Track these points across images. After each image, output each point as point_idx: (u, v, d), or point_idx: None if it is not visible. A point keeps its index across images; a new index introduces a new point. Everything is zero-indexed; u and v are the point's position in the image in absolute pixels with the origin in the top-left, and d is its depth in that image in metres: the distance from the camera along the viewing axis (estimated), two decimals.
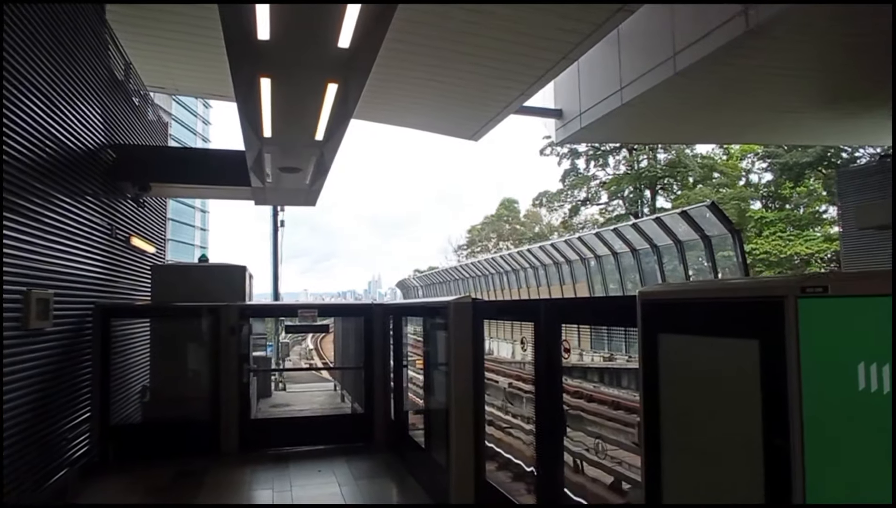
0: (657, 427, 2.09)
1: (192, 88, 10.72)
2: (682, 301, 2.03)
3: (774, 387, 1.54)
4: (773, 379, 1.55)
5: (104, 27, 6.36)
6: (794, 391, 1.47)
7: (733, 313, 1.74)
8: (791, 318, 1.49)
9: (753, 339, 1.62)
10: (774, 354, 1.54)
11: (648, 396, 2.16)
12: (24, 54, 4.29)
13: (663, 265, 15.09)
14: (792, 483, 1.48)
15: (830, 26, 7.25)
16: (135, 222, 7.68)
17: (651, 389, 2.13)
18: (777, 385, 1.53)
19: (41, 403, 4.76)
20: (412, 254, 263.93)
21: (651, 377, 2.13)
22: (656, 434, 2.09)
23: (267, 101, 4.49)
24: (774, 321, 1.53)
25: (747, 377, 1.64)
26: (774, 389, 1.54)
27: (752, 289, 1.75)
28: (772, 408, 1.55)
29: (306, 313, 6.94)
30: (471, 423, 4.52)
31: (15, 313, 4.27)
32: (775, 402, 1.54)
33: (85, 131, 5.72)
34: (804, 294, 1.46)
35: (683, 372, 1.97)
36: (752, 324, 1.64)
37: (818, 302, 1.43)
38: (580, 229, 34.88)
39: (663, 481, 2.07)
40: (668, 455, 2.04)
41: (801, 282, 1.48)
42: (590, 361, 15.95)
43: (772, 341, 1.55)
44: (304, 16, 3.32)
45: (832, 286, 1.41)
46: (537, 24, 6.88)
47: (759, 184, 32.26)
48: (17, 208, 4.24)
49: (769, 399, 1.56)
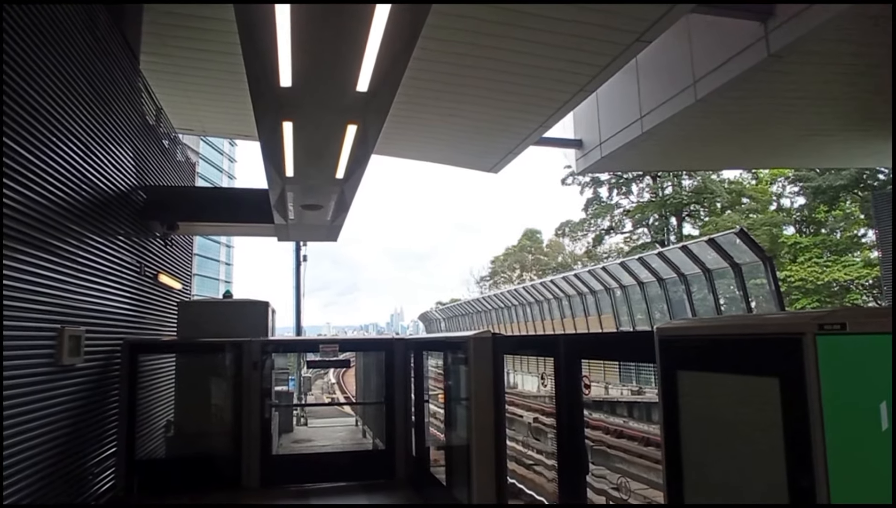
0: (679, 466, 2.00)
1: (218, 130, 11.22)
2: (700, 338, 1.97)
3: (797, 427, 1.47)
4: (796, 419, 1.47)
5: (138, 77, 6.76)
6: (818, 433, 1.39)
7: (752, 350, 1.68)
8: (810, 356, 1.43)
9: (773, 377, 1.56)
10: (795, 393, 1.47)
11: (669, 434, 2.07)
12: (63, 104, 4.58)
13: (692, 295, 14.66)
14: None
15: (853, 48, 7.16)
16: (162, 259, 7.94)
17: (672, 427, 2.05)
18: (800, 425, 1.46)
19: (70, 437, 4.86)
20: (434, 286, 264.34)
21: (671, 414, 2.05)
22: (679, 473, 2.00)
23: (289, 143, 4.66)
24: (793, 358, 1.47)
25: (769, 417, 1.56)
26: (797, 429, 1.46)
27: (769, 326, 1.68)
28: (795, 449, 1.47)
29: (327, 348, 6.97)
30: (492, 459, 4.40)
31: (48, 350, 4.42)
32: (799, 443, 1.46)
33: (118, 174, 6.02)
34: (822, 331, 1.40)
35: (704, 410, 1.89)
36: (772, 362, 1.57)
37: (837, 339, 1.37)
38: (604, 258, 34.42)
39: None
40: (691, 494, 1.94)
41: (818, 319, 1.42)
42: (618, 394, 15.43)
43: (792, 379, 1.48)
44: (324, 63, 3.46)
45: (850, 323, 1.35)
46: (554, 58, 7.00)
47: (792, 208, 31.37)
48: (53, 249, 4.45)
49: (792, 440, 1.48)
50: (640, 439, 10.47)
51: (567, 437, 3.37)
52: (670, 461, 2.06)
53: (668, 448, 2.08)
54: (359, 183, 5.98)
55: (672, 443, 2.05)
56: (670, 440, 2.07)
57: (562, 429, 3.44)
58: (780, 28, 6.86)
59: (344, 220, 7.84)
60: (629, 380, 16.10)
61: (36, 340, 4.23)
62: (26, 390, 4.07)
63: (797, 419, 1.47)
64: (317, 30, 3.08)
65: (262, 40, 3.15)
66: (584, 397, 3.26)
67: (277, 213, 7.08)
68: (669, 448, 2.07)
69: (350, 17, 2.94)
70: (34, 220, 4.14)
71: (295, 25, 2.99)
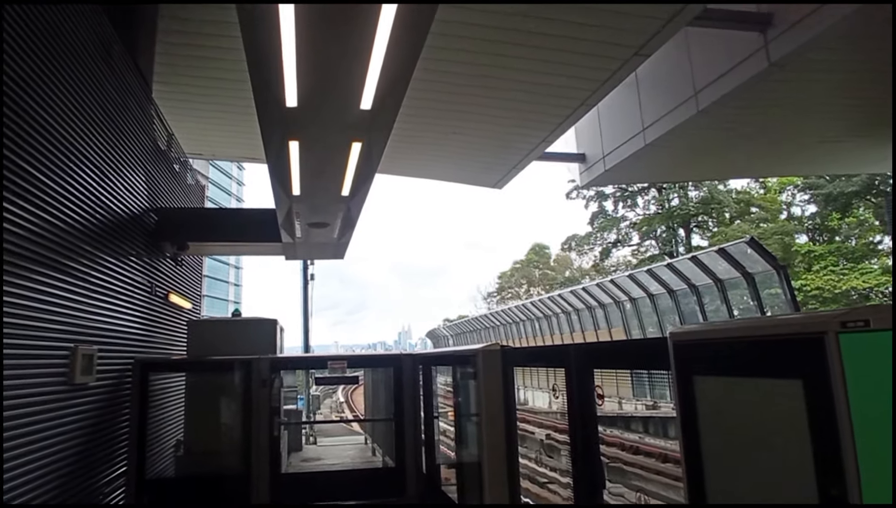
0: (701, 475, 1.94)
1: (227, 153, 11.42)
2: (717, 341, 1.93)
3: (824, 431, 1.42)
4: (822, 422, 1.43)
5: (150, 104, 6.91)
6: (847, 435, 1.35)
7: (771, 351, 1.64)
8: (834, 355, 1.39)
9: (796, 379, 1.52)
10: (820, 394, 1.43)
11: (689, 442, 2.02)
12: (79, 130, 4.69)
13: (704, 306, 14.48)
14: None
15: (854, 55, 7.17)
16: (173, 279, 7.99)
17: (691, 435, 2.00)
18: (827, 429, 1.41)
19: (81, 456, 4.84)
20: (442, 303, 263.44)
21: (690, 421, 2.00)
22: (700, 483, 1.94)
23: (295, 162, 4.71)
24: (816, 358, 1.44)
25: (794, 421, 1.52)
26: (824, 433, 1.42)
27: (789, 326, 1.65)
28: (823, 454, 1.42)
29: (336, 365, 6.93)
30: (505, 474, 4.32)
31: (62, 369, 4.44)
32: (827, 447, 1.41)
33: (131, 198, 6.11)
34: (845, 329, 1.37)
35: (724, 416, 1.85)
36: (793, 363, 1.53)
37: (861, 337, 1.34)
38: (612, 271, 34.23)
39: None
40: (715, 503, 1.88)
41: (841, 317, 1.39)
42: (632, 409, 15.17)
43: (816, 380, 1.45)
44: (328, 83, 3.52)
45: (874, 320, 1.32)
46: (554, 74, 7.07)
47: (803, 217, 31.10)
48: (67, 269, 4.50)
49: (820, 445, 1.44)
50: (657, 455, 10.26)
51: (581, 450, 3.31)
52: (691, 470, 2.01)
53: (687, 458, 2.03)
54: (364, 200, 6.02)
55: (692, 452, 2.00)
56: (690, 449, 2.02)
57: (575, 442, 3.37)
58: (780, 37, 6.90)
59: (350, 237, 7.87)
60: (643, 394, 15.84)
61: (50, 359, 4.25)
62: (39, 408, 4.08)
63: (824, 421, 1.43)
64: (320, 48, 3.14)
65: (269, 60, 3.22)
66: (597, 408, 3.21)
67: (285, 231, 7.13)
68: (689, 457, 2.02)
69: (353, 33, 2.99)
70: (50, 241, 4.20)
71: (300, 43, 3.05)
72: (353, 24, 2.91)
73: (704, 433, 1.93)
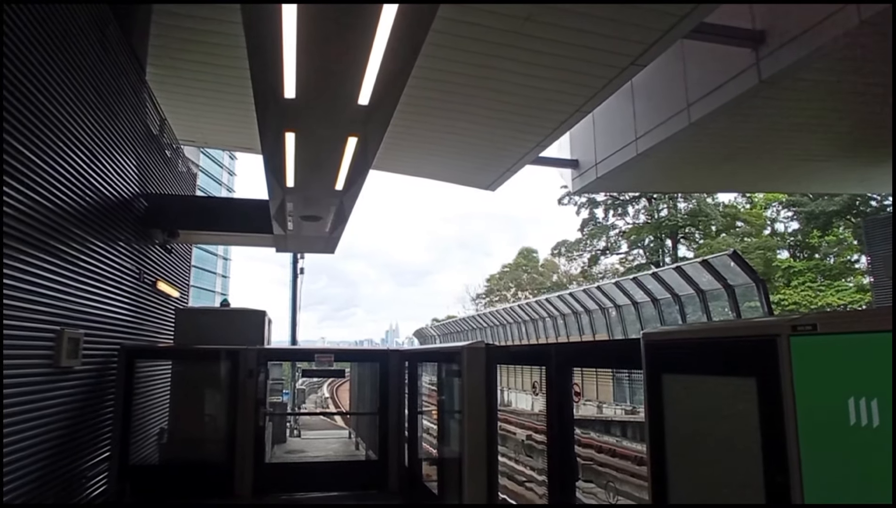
0: (664, 466, 2.06)
1: (220, 141, 11.36)
2: (683, 342, 2.05)
3: (773, 424, 1.55)
4: (771, 416, 1.55)
5: (144, 87, 6.91)
6: (791, 428, 1.47)
7: (731, 352, 1.76)
8: (784, 356, 1.51)
9: (751, 377, 1.64)
10: (771, 391, 1.56)
11: (654, 435, 2.14)
12: (71, 110, 4.68)
13: (686, 316, 14.75)
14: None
15: (843, 76, 7.36)
16: (162, 267, 7.99)
17: (657, 428, 2.12)
18: (775, 422, 1.54)
19: (65, 439, 4.86)
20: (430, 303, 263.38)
21: (656, 416, 2.12)
22: (663, 473, 2.06)
23: (291, 153, 4.77)
24: (769, 359, 1.56)
25: (747, 415, 1.64)
26: (773, 425, 1.54)
27: (747, 329, 1.77)
28: (771, 445, 1.55)
29: (323, 358, 7.00)
30: (484, 469, 4.43)
31: (47, 351, 4.46)
32: (774, 438, 1.53)
33: (121, 182, 6.11)
34: (795, 332, 1.49)
35: (687, 411, 1.97)
36: (749, 363, 1.66)
37: (809, 340, 1.46)
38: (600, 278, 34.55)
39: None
40: (675, 493, 2.00)
41: (792, 321, 1.51)
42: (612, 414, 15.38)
43: (768, 378, 1.57)
44: (327, 76, 3.59)
45: (821, 325, 1.44)
46: (550, 79, 7.17)
47: (786, 233, 31.74)
48: (55, 252, 4.51)
49: (768, 436, 1.56)
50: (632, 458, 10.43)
51: (558, 444, 3.42)
52: (655, 461, 2.13)
53: (652, 449, 2.15)
54: (357, 195, 6.08)
55: (657, 444, 2.12)
56: (656, 442, 2.14)
57: (553, 437, 3.49)
58: (771, 55, 7.07)
59: (342, 232, 7.93)
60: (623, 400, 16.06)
61: (35, 341, 4.27)
62: (24, 389, 4.10)
63: (773, 416, 1.55)
64: (322, 42, 3.20)
65: (269, 51, 3.27)
66: (574, 405, 3.33)
67: (277, 223, 7.17)
68: (654, 449, 2.14)
69: (354, 29, 3.07)
70: (37, 222, 4.20)
71: (301, 36, 3.11)
72: (355, 20, 2.98)
73: (669, 426, 2.06)
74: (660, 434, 2.09)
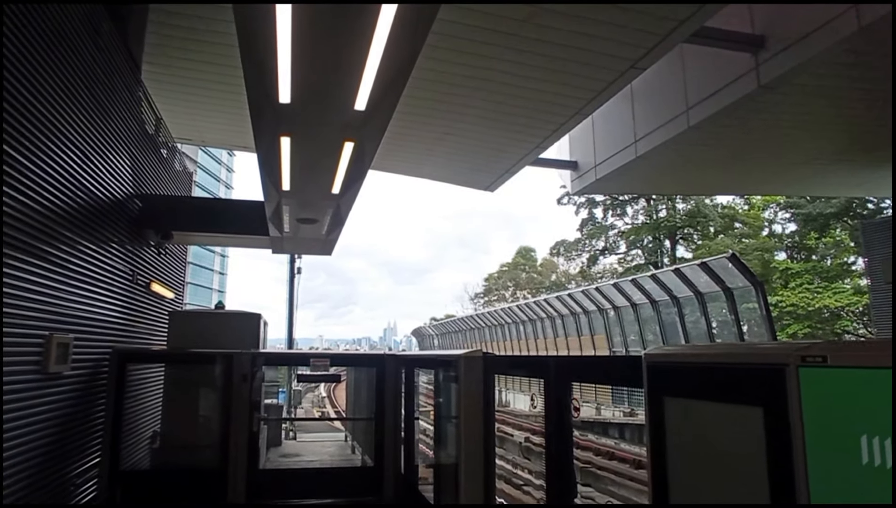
0: (665, 493, 2.00)
1: (217, 140, 11.26)
2: (687, 366, 1.99)
3: (780, 457, 1.49)
4: (779, 449, 1.50)
5: (139, 86, 6.81)
6: (800, 463, 1.41)
7: (737, 379, 1.70)
8: (793, 387, 1.45)
9: (758, 406, 1.58)
10: (779, 422, 1.50)
11: (656, 459, 2.08)
12: (62, 109, 4.58)
13: (684, 317, 14.74)
14: None
15: (842, 81, 7.33)
16: (155, 268, 7.90)
17: (658, 453, 2.06)
18: (783, 456, 1.48)
19: (54, 446, 4.78)
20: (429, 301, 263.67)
21: (658, 440, 2.06)
22: (665, 500, 2.00)
23: (286, 158, 4.70)
24: (777, 389, 1.50)
25: (753, 446, 1.58)
26: (780, 459, 1.49)
27: (754, 356, 1.71)
28: (779, 479, 1.49)
29: (318, 363, 6.92)
30: (481, 481, 4.37)
31: (36, 357, 4.37)
32: (782, 473, 1.48)
33: (114, 182, 6.02)
34: (805, 363, 1.43)
35: (690, 437, 1.91)
36: (756, 391, 1.60)
37: (819, 372, 1.40)
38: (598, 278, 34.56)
39: None
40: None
41: (801, 351, 1.45)
42: (610, 415, 15.37)
43: (775, 409, 1.51)
44: (323, 81, 3.52)
45: (831, 357, 1.38)
46: (550, 81, 7.12)
47: (783, 234, 31.78)
48: (44, 254, 4.42)
49: (775, 470, 1.50)
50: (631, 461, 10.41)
51: (556, 457, 3.37)
52: (657, 487, 2.07)
53: (654, 475, 2.09)
54: (354, 199, 6.02)
55: (658, 470, 2.06)
56: (657, 467, 2.08)
57: (551, 450, 3.43)
58: (771, 60, 7.04)
59: (339, 234, 7.86)
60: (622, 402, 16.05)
61: (23, 346, 4.18)
62: (11, 397, 4.01)
63: (780, 448, 1.49)
64: (317, 47, 3.13)
65: (263, 56, 3.20)
66: (573, 419, 3.27)
67: (273, 225, 7.10)
68: (656, 474, 2.08)
69: (352, 31, 2.99)
70: (26, 225, 4.10)
71: (296, 41, 3.04)
72: (353, 21, 2.90)
73: (671, 451, 2.00)
74: (662, 460, 2.03)
